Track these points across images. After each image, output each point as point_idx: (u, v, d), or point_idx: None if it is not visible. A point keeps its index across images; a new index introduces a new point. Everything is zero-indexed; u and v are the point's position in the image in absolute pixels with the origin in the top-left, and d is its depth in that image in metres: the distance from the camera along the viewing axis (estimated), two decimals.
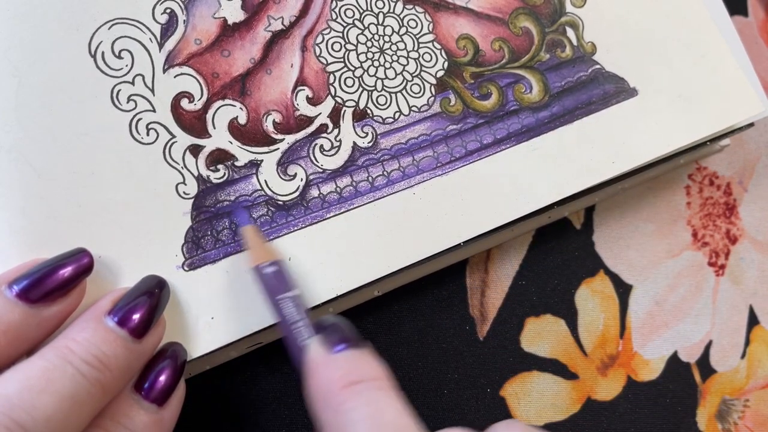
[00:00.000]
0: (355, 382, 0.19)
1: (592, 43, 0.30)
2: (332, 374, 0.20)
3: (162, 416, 0.22)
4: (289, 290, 0.23)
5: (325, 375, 0.20)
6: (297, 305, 0.22)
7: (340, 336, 0.21)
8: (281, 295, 0.22)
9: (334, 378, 0.20)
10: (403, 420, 0.18)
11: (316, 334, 0.22)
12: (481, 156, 0.28)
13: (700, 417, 0.36)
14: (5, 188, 0.23)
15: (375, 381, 0.20)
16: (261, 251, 0.23)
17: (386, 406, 0.19)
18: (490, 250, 0.34)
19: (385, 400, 0.19)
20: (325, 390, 0.20)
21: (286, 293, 0.22)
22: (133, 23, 0.25)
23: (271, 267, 0.23)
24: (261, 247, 0.24)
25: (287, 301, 0.22)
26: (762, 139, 0.40)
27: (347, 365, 0.20)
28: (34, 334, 0.21)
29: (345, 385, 0.19)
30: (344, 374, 0.20)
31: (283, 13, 0.27)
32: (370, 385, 0.19)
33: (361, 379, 0.19)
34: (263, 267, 0.23)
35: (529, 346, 0.33)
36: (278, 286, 0.23)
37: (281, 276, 0.23)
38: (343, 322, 0.22)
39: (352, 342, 0.21)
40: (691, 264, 0.37)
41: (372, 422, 0.18)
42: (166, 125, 0.25)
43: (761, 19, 0.41)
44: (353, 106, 0.27)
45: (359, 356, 0.20)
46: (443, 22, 0.28)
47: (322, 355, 0.21)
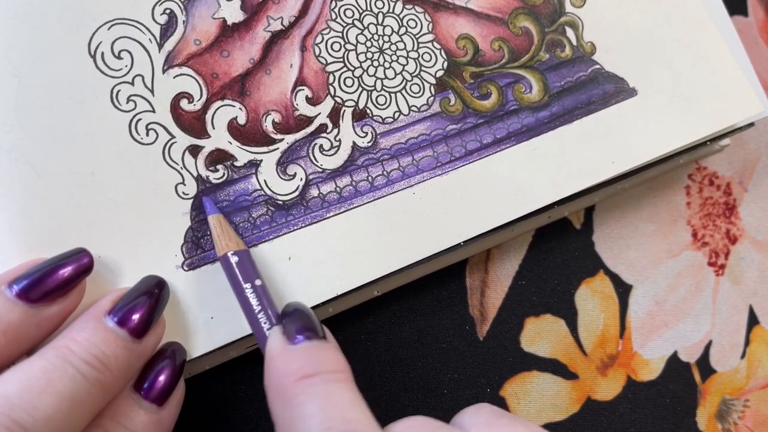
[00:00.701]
0: (309, 375, 0.19)
1: (592, 43, 0.30)
2: (288, 366, 0.19)
3: (162, 416, 0.22)
4: (253, 279, 0.23)
5: (281, 367, 0.20)
6: (260, 294, 0.22)
7: (301, 325, 0.21)
8: (245, 284, 0.23)
9: (290, 370, 0.19)
10: (355, 414, 0.18)
11: (278, 324, 0.21)
12: (480, 156, 0.28)
13: (700, 417, 0.36)
14: (5, 188, 0.23)
15: (331, 374, 0.19)
16: (226, 240, 0.23)
17: (339, 399, 0.18)
18: (490, 250, 0.34)
19: (338, 393, 0.19)
20: (279, 382, 0.19)
21: (249, 282, 0.23)
22: (133, 24, 0.25)
23: (236, 256, 0.23)
24: (226, 236, 0.24)
25: (250, 290, 0.22)
26: (762, 139, 0.40)
27: (303, 357, 0.20)
28: (34, 333, 0.21)
29: (299, 378, 0.19)
30: (300, 366, 0.19)
31: (282, 13, 0.27)
32: (325, 378, 0.19)
33: (316, 372, 0.19)
34: (228, 256, 0.23)
35: (529, 346, 0.33)
36: (242, 275, 0.23)
37: (246, 265, 0.23)
38: (307, 311, 0.22)
39: (313, 332, 0.21)
40: (691, 264, 0.37)
41: (323, 416, 0.18)
42: (166, 125, 0.25)
43: (761, 19, 0.41)
44: (353, 105, 0.27)
45: (318, 348, 0.20)
46: (443, 22, 0.29)
47: (281, 346, 0.20)
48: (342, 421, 0.18)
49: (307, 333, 0.20)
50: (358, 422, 0.18)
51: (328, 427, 0.17)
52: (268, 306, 0.22)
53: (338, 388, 0.19)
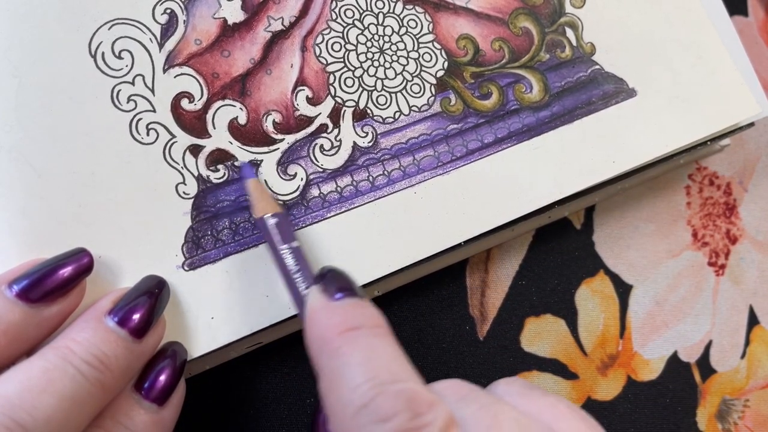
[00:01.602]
0: (352, 329, 0.19)
1: (592, 44, 0.30)
2: (330, 320, 0.20)
3: (162, 416, 0.22)
4: (290, 241, 0.23)
5: (323, 321, 0.20)
6: (297, 256, 0.23)
7: (340, 284, 0.21)
8: (282, 246, 0.23)
9: (332, 324, 0.19)
10: (399, 366, 0.18)
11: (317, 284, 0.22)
12: (481, 155, 0.28)
13: (700, 417, 0.36)
14: (5, 188, 0.23)
15: (372, 328, 0.19)
16: (264, 203, 0.24)
17: (383, 351, 0.19)
18: (491, 250, 0.34)
19: (381, 346, 0.19)
20: (322, 336, 0.19)
21: (287, 243, 0.23)
22: (133, 23, 0.25)
23: (273, 218, 0.23)
24: (264, 199, 0.24)
25: (287, 251, 0.23)
26: (762, 139, 0.40)
27: (345, 312, 0.20)
28: (34, 334, 0.21)
29: (343, 330, 0.19)
30: (342, 321, 0.19)
31: (283, 13, 0.27)
32: (367, 332, 0.19)
33: (359, 326, 0.19)
34: (266, 218, 0.23)
35: (529, 346, 0.33)
36: (280, 237, 0.23)
37: (283, 227, 0.23)
38: (343, 272, 0.22)
39: (351, 290, 0.21)
40: (692, 264, 0.37)
41: (368, 366, 0.18)
42: (166, 125, 0.25)
43: (761, 19, 0.41)
44: (353, 106, 0.27)
45: (357, 304, 0.20)
46: (443, 22, 0.29)
47: (321, 302, 0.20)
48: (387, 372, 0.18)
49: (346, 291, 0.21)
50: (402, 373, 0.18)
51: (373, 376, 0.18)
52: (305, 267, 0.23)
53: (381, 341, 0.19)
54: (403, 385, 0.18)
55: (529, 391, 0.20)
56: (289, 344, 0.29)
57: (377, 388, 0.17)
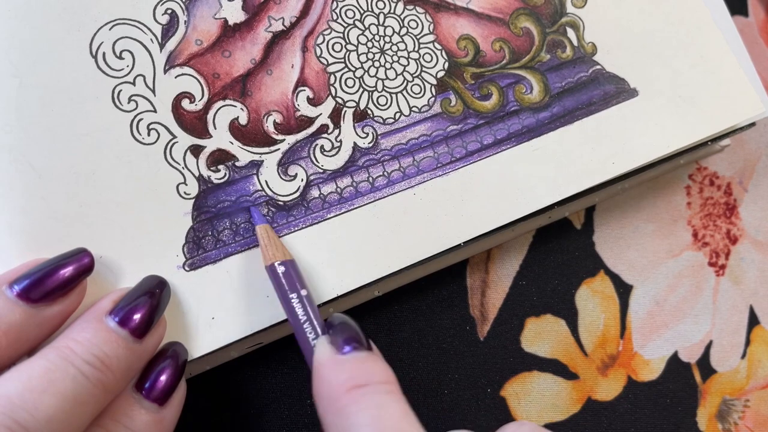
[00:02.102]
0: (360, 386, 0.19)
1: (593, 44, 0.30)
2: (338, 376, 0.20)
3: (163, 416, 0.22)
4: (299, 290, 0.23)
5: (331, 377, 0.20)
6: (306, 304, 0.23)
7: (348, 336, 0.21)
8: (291, 294, 0.23)
9: (340, 380, 0.19)
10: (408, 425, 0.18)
11: (325, 334, 0.22)
12: (481, 156, 0.28)
13: (701, 417, 0.36)
14: (6, 188, 0.23)
15: (381, 385, 0.19)
16: (273, 250, 0.24)
17: (391, 410, 0.19)
18: (491, 250, 0.34)
19: (390, 404, 0.19)
20: (330, 392, 0.19)
21: (296, 292, 0.23)
22: (134, 24, 0.25)
23: (282, 266, 0.23)
24: (273, 246, 0.24)
25: (296, 300, 0.23)
26: (762, 139, 0.40)
27: (353, 368, 0.20)
28: (35, 334, 0.21)
29: (350, 387, 0.19)
30: (350, 377, 0.19)
31: (283, 13, 0.27)
32: (375, 389, 0.19)
33: (367, 383, 0.19)
34: (275, 266, 0.23)
35: (530, 346, 0.33)
36: (289, 286, 0.23)
37: (291, 275, 0.23)
38: (352, 323, 0.22)
39: (360, 343, 0.21)
40: (692, 264, 0.37)
41: (376, 426, 0.18)
42: (167, 125, 0.25)
43: (761, 19, 0.41)
44: (354, 106, 0.27)
45: (366, 359, 0.20)
46: (444, 23, 0.29)
47: (329, 356, 0.20)
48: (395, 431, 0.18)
49: (354, 344, 0.21)
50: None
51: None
52: (314, 316, 0.22)
53: (389, 399, 0.19)
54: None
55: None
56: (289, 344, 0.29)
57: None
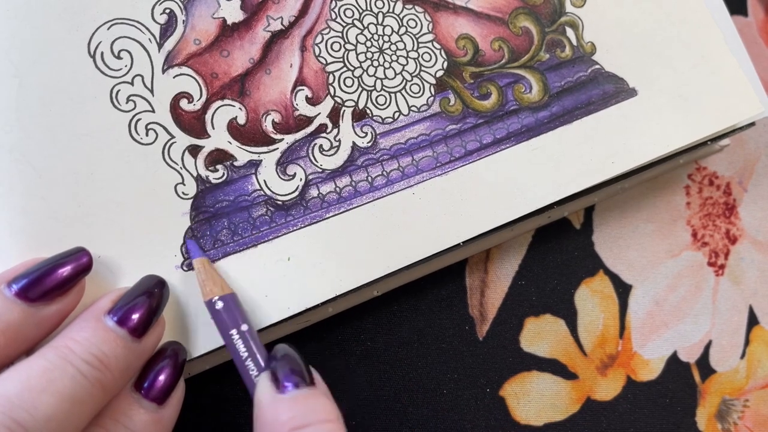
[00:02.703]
0: (300, 427, 0.19)
1: (592, 43, 0.30)
2: (277, 417, 0.19)
3: (162, 415, 0.22)
4: (240, 324, 0.22)
5: (271, 418, 0.19)
6: (247, 339, 0.22)
7: (290, 371, 0.20)
8: (231, 330, 0.22)
9: (280, 422, 0.19)
10: None
11: (266, 370, 0.21)
12: (480, 156, 0.28)
13: (700, 417, 0.36)
14: (6, 188, 0.23)
15: (322, 424, 0.19)
16: (211, 285, 0.23)
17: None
18: (490, 250, 0.34)
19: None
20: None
21: (236, 328, 0.22)
22: (133, 23, 0.25)
23: (221, 302, 0.22)
24: (211, 281, 0.23)
25: (236, 336, 0.22)
26: (762, 139, 0.40)
27: (294, 407, 0.20)
28: (34, 333, 0.21)
29: (290, 429, 0.19)
30: (290, 417, 0.19)
31: (282, 13, 0.27)
32: (316, 429, 0.19)
33: (308, 423, 0.19)
34: (213, 302, 0.23)
35: (529, 346, 0.33)
36: (229, 321, 0.22)
37: (232, 310, 0.22)
38: (295, 355, 0.21)
39: (302, 378, 0.20)
40: (691, 264, 0.37)
41: None
42: (166, 125, 0.25)
43: (761, 19, 0.41)
44: (352, 106, 0.27)
45: (308, 396, 0.20)
46: (443, 22, 0.29)
47: (270, 396, 0.20)
48: None
49: (295, 379, 0.20)
50: None
51: None
52: (256, 351, 0.22)
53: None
54: None
55: None
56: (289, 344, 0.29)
57: None
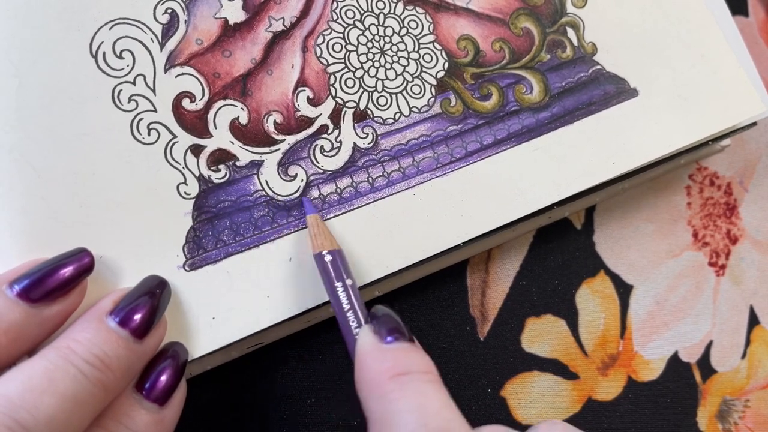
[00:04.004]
0: (403, 374, 0.19)
1: (593, 44, 0.30)
2: (381, 365, 0.20)
3: (163, 416, 0.22)
4: (344, 279, 0.23)
5: (375, 365, 0.20)
6: (350, 293, 0.23)
7: (391, 327, 0.21)
8: (337, 283, 0.23)
9: (383, 368, 0.20)
10: (449, 412, 0.19)
11: (368, 324, 0.22)
12: (481, 156, 0.28)
13: (701, 417, 0.36)
14: (6, 188, 0.23)
15: (423, 374, 0.20)
16: (322, 240, 0.24)
17: (433, 398, 0.19)
18: (491, 250, 0.34)
19: (432, 392, 0.19)
20: (373, 379, 0.20)
21: (341, 281, 0.23)
22: (135, 23, 0.25)
23: (330, 255, 0.24)
24: (322, 235, 0.24)
25: (341, 289, 0.23)
26: (762, 139, 0.40)
27: (396, 357, 0.20)
28: (35, 333, 0.21)
29: (393, 375, 0.19)
30: (393, 365, 0.20)
31: (284, 13, 0.27)
32: (417, 377, 0.20)
33: (409, 371, 0.20)
34: (323, 255, 0.24)
35: (530, 346, 0.33)
36: (335, 274, 0.23)
37: (338, 265, 0.24)
38: (395, 315, 0.22)
39: (402, 335, 0.21)
40: (692, 264, 0.37)
41: (419, 413, 0.18)
42: (168, 125, 0.25)
43: (761, 19, 0.41)
44: (354, 106, 0.27)
45: (409, 349, 0.21)
46: (444, 23, 0.29)
47: (373, 345, 0.21)
48: (438, 418, 0.18)
49: (397, 334, 0.21)
50: (452, 421, 0.18)
51: (425, 422, 0.18)
52: (358, 306, 0.23)
53: (431, 387, 0.19)
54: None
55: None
56: (290, 344, 0.29)
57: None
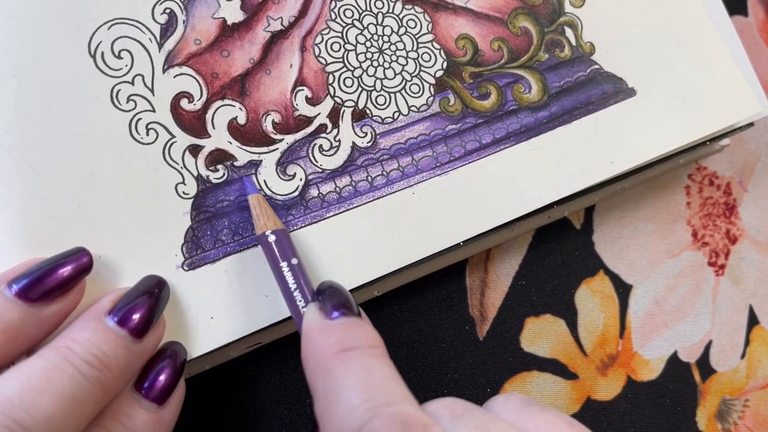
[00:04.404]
0: (347, 349, 0.19)
1: (591, 43, 0.30)
2: (326, 341, 0.20)
3: (162, 415, 0.22)
4: (290, 258, 0.23)
5: (319, 341, 0.20)
6: (296, 272, 0.23)
7: (337, 302, 0.21)
8: (282, 263, 0.23)
9: (327, 344, 0.19)
10: (394, 387, 0.18)
11: (314, 301, 0.22)
12: (480, 156, 0.28)
13: (700, 417, 0.36)
14: (5, 188, 0.23)
15: (368, 348, 0.19)
16: (265, 219, 0.24)
17: (378, 372, 0.19)
18: (490, 250, 0.34)
19: (377, 366, 0.19)
20: (317, 356, 0.19)
21: (286, 260, 0.23)
22: (133, 23, 0.25)
23: (273, 235, 0.24)
24: (265, 215, 0.24)
25: (287, 268, 0.23)
26: (762, 139, 0.40)
27: (341, 332, 0.20)
28: (34, 333, 0.21)
29: (338, 351, 0.19)
30: (337, 341, 0.20)
31: (282, 13, 0.27)
32: (362, 352, 0.19)
33: (354, 346, 0.19)
34: (266, 235, 0.24)
35: (529, 346, 0.33)
36: (280, 254, 0.23)
37: (283, 244, 0.23)
38: (342, 288, 0.22)
39: (349, 309, 0.21)
40: (691, 264, 0.37)
41: (362, 388, 0.18)
42: (166, 125, 0.25)
43: (761, 19, 0.41)
44: (352, 106, 0.27)
45: (354, 324, 0.20)
46: (442, 22, 0.29)
47: (318, 322, 0.21)
48: (382, 393, 0.18)
49: (343, 309, 0.21)
50: (397, 395, 0.18)
51: (368, 398, 0.18)
52: (304, 284, 0.23)
53: (376, 362, 0.19)
54: (397, 407, 0.17)
55: (527, 407, 0.19)
56: (288, 344, 0.29)
57: (372, 410, 0.17)
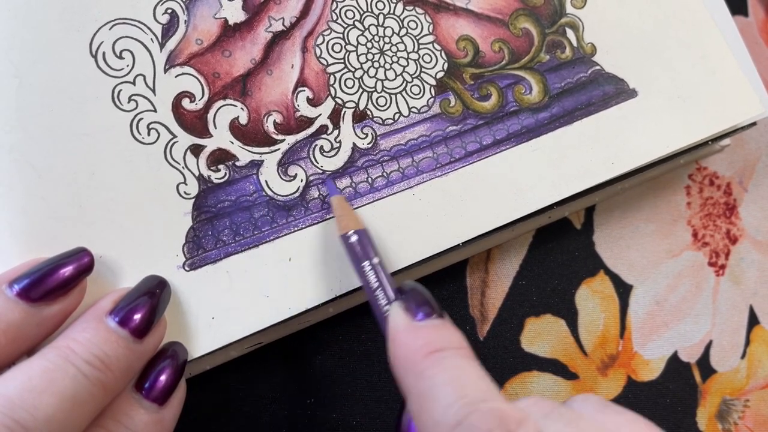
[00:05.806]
0: (438, 350, 0.20)
1: (592, 44, 0.30)
2: (415, 342, 0.20)
3: (163, 415, 0.22)
4: (371, 257, 0.24)
5: (408, 343, 0.20)
6: (378, 271, 0.23)
7: (421, 302, 0.21)
8: (363, 262, 0.23)
9: (417, 346, 0.20)
10: (485, 385, 0.19)
11: (396, 300, 0.22)
12: (480, 157, 0.28)
13: (700, 417, 0.36)
14: (6, 188, 0.23)
15: (457, 350, 0.20)
16: (347, 220, 0.24)
17: (469, 371, 0.19)
18: (491, 250, 0.34)
19: (467, 366, 0.20)
20: (408, 358, 0.20)
21: (368, 260, 0.23)
22: (134, 23, 0.25)
23: (355, 235, 0.24)
24: (346, 216, 0.25)
25: (368, 267, 0.23)
26: (762, 139, 0.40)
27: (429, 334, 0.20)
28: (35, 333, 0.21)
29: (428, 352, 0.20)
30: (427, 342, 0.20)
31: (283, 14, 0.27)
32: (452, 353, 0.20)
33: (444, 347, 0.20)
34: (348, 236, 0.24)
35: (530, 346, 0.33)
36: (361, 254, 0.24)
37: (364, 244, 0.24)
38: (424, 289, 0.22)
39: (433, 310, 0.21)
40: (692, 264, 0.37)
41: (457, 386, 0.19)
42: (167, 125, 0.25)
43: (761, 19, 0.41)
44: (353, 107, 0.27)
45: (440, 326, 0.21)
46: (443, 23, 0.29)
47: (405, 323, 0.21)
48: (476, 390, 0.18)
49: (428, 309, 0.21)
50: (488, 392, 0.19)
51: (462, 395, 0.18)
52: (387, 283, 0.23)
53: (466, 362, 0.20)
54: (493, 403, 0.18)
55: (605, 408, 0.20)
56: (289, 344, 0.29)
57: (470, 406, 0.18)
